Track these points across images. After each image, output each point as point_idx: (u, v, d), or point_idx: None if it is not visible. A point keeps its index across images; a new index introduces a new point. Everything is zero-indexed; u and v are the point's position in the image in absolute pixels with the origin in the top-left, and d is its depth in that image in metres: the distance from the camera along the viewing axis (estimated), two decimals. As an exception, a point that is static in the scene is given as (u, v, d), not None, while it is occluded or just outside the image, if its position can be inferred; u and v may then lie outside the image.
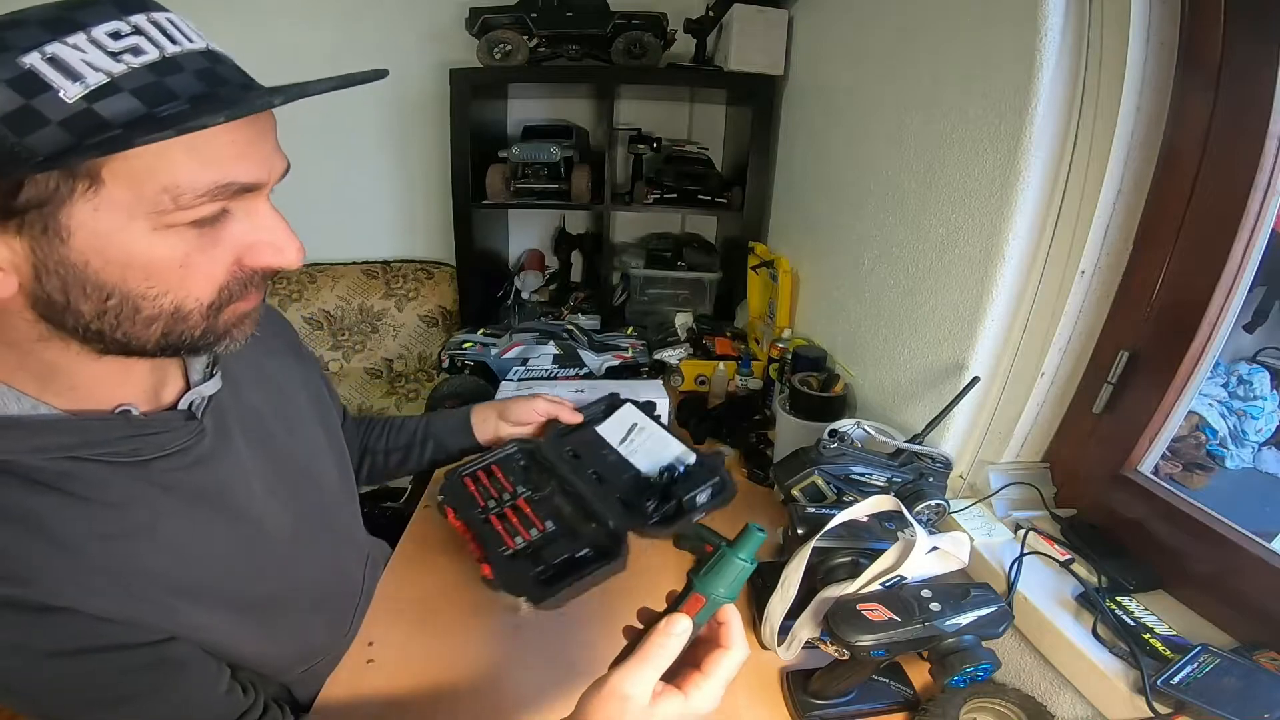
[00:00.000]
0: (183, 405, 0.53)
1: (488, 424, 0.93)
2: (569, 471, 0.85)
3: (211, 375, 0.56)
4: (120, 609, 0.45)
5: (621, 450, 0.90)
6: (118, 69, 0.36)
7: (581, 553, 0.75)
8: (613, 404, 0.96)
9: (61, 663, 0.43)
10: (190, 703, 0.49)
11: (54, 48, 0.35)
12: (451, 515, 0.80)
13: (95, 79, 0.36)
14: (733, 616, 0.47)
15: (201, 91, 0.39)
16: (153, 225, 0.39)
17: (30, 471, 0.43)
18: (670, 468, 0.86)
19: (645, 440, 0.91)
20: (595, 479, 0.84)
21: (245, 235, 0.44)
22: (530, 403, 0.92)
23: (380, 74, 0.44)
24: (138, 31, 0.37)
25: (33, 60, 0.34)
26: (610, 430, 0.93)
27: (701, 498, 0.80)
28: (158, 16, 0.39)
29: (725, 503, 0.81)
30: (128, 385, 0.49)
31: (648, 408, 0.96)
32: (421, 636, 0.74)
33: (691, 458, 0.86)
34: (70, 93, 0.35)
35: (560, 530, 0.78)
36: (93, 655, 0.44)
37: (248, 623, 0.55)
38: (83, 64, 0.35)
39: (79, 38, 0.36)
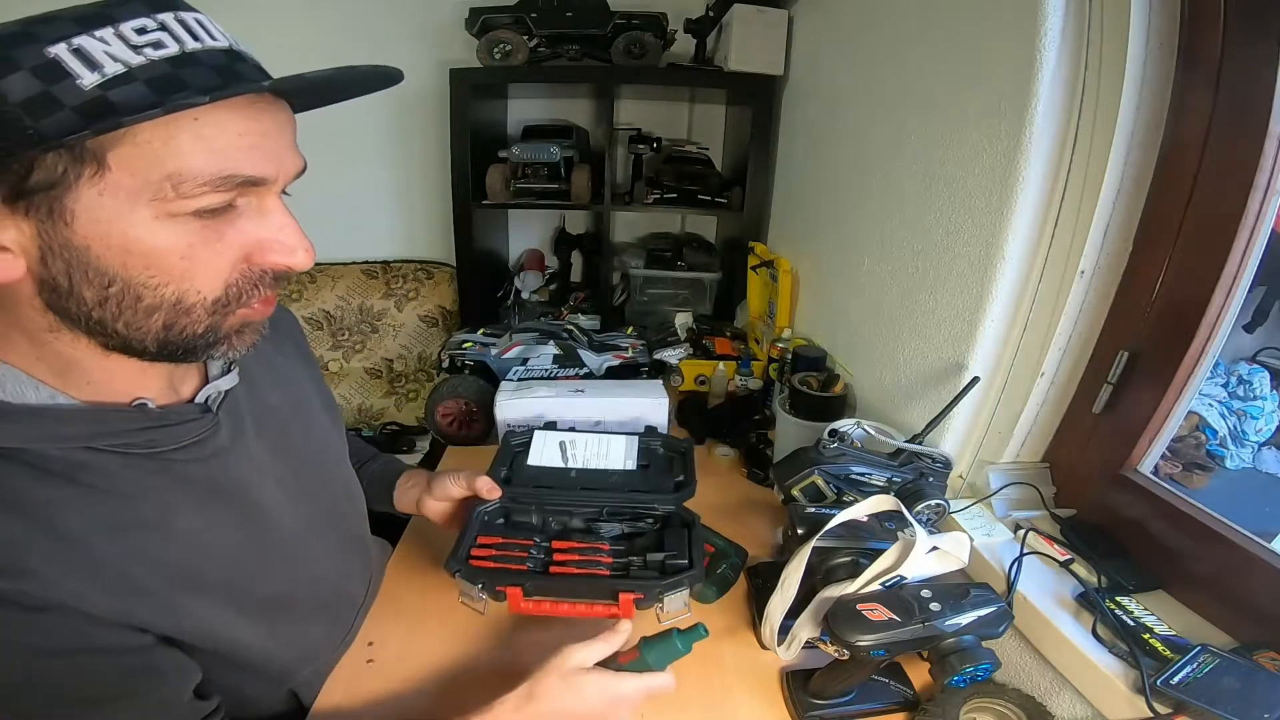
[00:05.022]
0: (199, 399, 0.53)
1: (411, 493, 0.83)
2: (560, 501, 0.79)
3: (229, 371, 0.56)
4: (119, 604, 0.45)
5: (575, 465, 0.86)
6: (136, 60, 0.37)
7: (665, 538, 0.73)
8: (525, 442, 0.90)
9: (46, 662, 0.43)
10: (159, 708, 0.48)
11: (81, 40, 0.36)
12: (519, 597, 0.67)
13: (113, 68, 0.37)
14: (659, 678, 0.60)
15: (214, 84, 0.39)
16: (155, 213, 0.40)
17: (45, 461, 0.43)
18: (643, 450, 0.88)
19: (585, 448, 0.88)
20: (590, 491, 0.81)
21: (253, 232, 0.44)
22: (452, 477, 0.79)
23: (391, 76, 0.45)
24: (163, 28, 0.38)
25: (59, 51, 0.36)
26: (547, 456, 0.88)
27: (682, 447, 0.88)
28: (186, 16, 0.40)
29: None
30: (145, 380, 0.49)
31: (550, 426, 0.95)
32: (421, 637, 0.74)
33: (639, 439, 0.88)
34: (87, 80, 0.36)
35: (622, 536, 0.73)
36: (78, 656, 0.44)
37: (252, 621, 0.55)
38: (104, 55, 0.37)
39: (106, 32, 0.37)
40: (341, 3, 1.72)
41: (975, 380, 0.81)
